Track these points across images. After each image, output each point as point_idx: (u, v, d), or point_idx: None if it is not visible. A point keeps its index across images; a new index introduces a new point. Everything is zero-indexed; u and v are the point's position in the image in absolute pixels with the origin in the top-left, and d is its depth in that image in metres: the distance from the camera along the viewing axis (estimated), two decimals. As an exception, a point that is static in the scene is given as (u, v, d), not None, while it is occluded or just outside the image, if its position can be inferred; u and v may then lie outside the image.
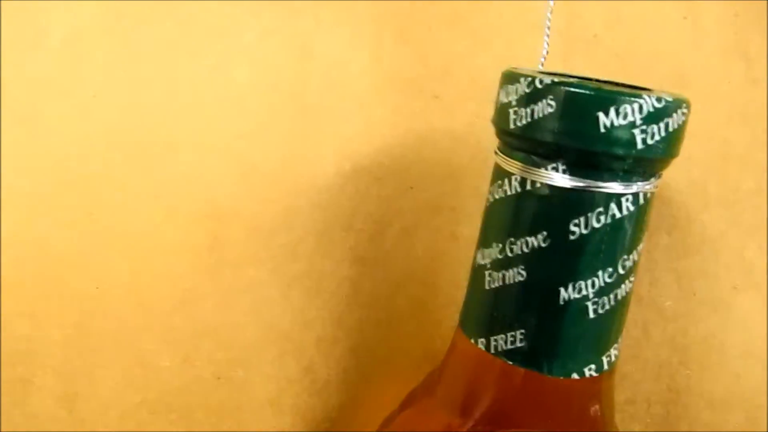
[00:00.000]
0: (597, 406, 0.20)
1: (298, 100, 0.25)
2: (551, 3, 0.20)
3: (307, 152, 0.26)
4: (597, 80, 0.20)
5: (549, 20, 0.20)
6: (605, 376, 0.20)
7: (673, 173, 0.28)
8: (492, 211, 0.20)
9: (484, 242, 0.20)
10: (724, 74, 0.25)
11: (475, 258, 0.20)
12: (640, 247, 0.19)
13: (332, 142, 0.26)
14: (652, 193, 0.18)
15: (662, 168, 0.18)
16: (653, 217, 0.29)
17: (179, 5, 0.25)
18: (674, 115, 0.17)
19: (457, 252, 0.26)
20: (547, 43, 0.21)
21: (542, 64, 0.21)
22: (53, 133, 0.25)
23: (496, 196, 0.19)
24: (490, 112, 0.22)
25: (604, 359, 0.19)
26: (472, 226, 0.25)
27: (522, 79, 0.18)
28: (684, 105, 0.18)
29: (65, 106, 0.25)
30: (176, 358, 0.26)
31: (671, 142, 0.18)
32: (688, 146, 0.27)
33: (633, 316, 0.27)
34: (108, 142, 0.25)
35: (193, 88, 0.26)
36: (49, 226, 0.25)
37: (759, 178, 0.26)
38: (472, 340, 0.20)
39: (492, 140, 0.22)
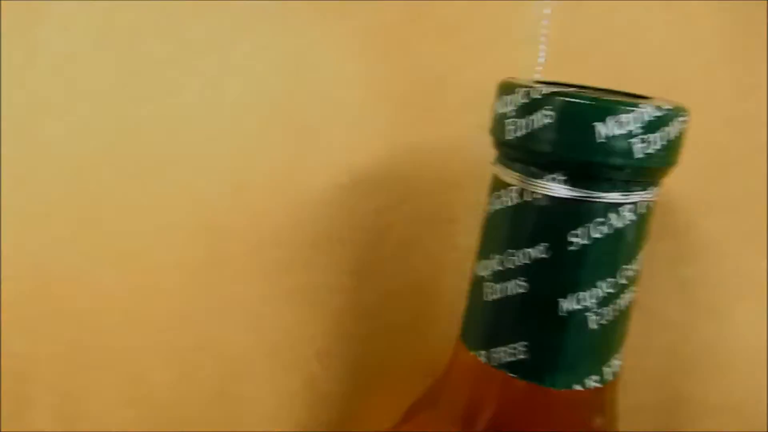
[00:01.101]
0: (600, 418, 0.20)
1: (291, 115, 0.25)
2: (547, 11, 0.20)
3: (301, 166, 0.25)
4: (594, 89, 0.20)
5: (545, 29, 0.20)
6: (608, 387, 0.20)
7: (672, 180, 0.28)
8: (490, 222, 0.19)
9: (483, 253, 0.20)
10: (720, 81, 0.25)
11: (474, 269, 0.20)
12: (641, 256, 0.19)
13: (326, 156, 0.25)
14: (653, 203, 0.18)
15: (662, 177, 0.18)
16: (653, 225, 0.29)
17: (172, 22, 0.25)
18: (673, 123, 0.17)
19: (455, 263, 0.26)
20: (544, 52, 0.21)
21: (540, 74, 0.21)
22: (48, 150, 0.25)
23: (495, 208, 0.19)
24: (483, 122, 0.22)
25: (607, 370, 0.19)
26: (469, 237, 0.24)
27: (518, 90, 0.18)
28: (683, 113, 0.17)
29: (60, 123, 0.25)
30: (173, 374, 0.26)
31: (670, 151, 0.17)
32: (686, 153, 0.27)
33: (633, 324, 0.27)
34: (102, 159, 0.25)
35: (187, 105, 0.25)
36: (44, 243, 0.25)
37: (758, 184, 0.26)
38: (473, 353, 0.20)
39: (486, 151, 0.22)
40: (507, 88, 0.18)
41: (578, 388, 0.19)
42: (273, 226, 0.25)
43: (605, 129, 0.16)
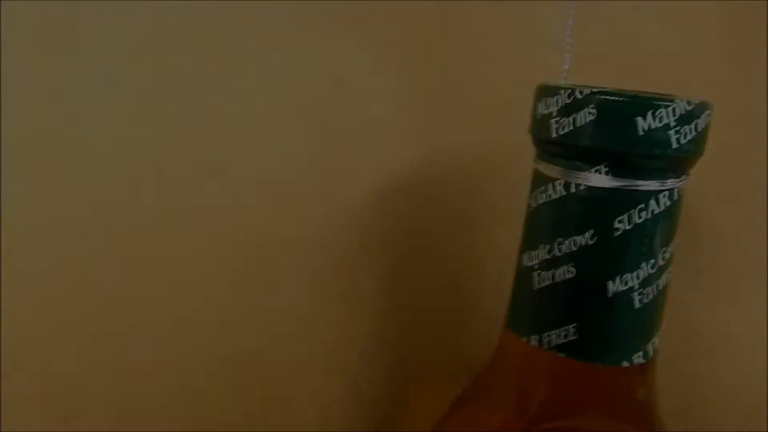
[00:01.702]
0: (644, 392, 0.21)
1: (328, 125, 0.27)
2: (571, 22, 0.22)
3: (339, 174, 0.27)
4: (616, 90, 0.22)
5: (569, 37, 0.22)
6: (650, 362, 0.21)
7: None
8: (536, 215, 0.21)
9: (529, 245, 0.21)
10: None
11: (520, 261, 0.22)
12: (676, 239, 0.21)
13: (362, 163, 0.27)
14: (683, 189, 0.20)
15: (691, 165, 0.20)
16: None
17: (204, 39, 0.26)
18: (702, 116, 0.19)
19: (488, 261, 0.27)
20: (569, 59, 0.22)
21: (565, 79, 0.23)
22: (88, 168, 0.26)
23: (540, 201, 0.21)
24: (508, 126, 0.23)
25: (650, 346, 0.21)
26: (501, 235, 0.26)
27: (562, 91, 0.19)
28: (709, 107, 0.19)
29: (97, 142, 0.26)
30: (223, 384, 0.27)
31: (700, 141, 0.19)
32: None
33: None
34: (141, 174, 0.26)
35: (224, 118, 0.27)
36: (87, 260, 0.26)
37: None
38: (524, 338, 0.21)
39: (511, 152, 0.23)
40: (548, 91, 0.20)
41: (626, 364, 0.20)
42: (313, 233, 0.26)
43: (645, 123, 0.18)
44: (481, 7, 0.27)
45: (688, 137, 0.19)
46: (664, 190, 0.19)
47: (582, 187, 0.19)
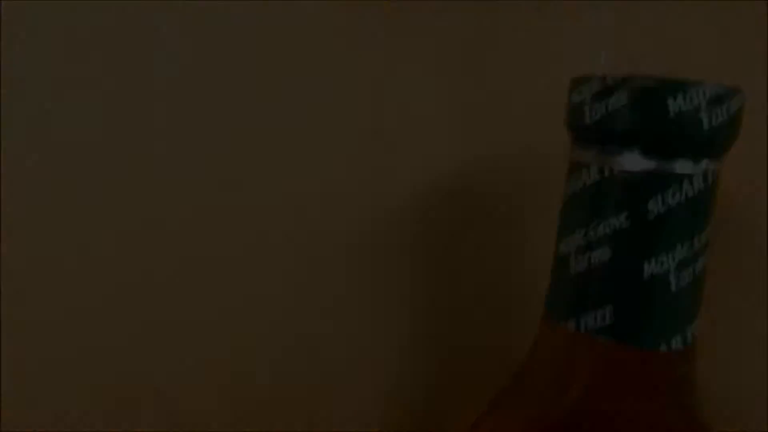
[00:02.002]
0: (685, 378, 0.21)
1: (375, 131, 0.28)
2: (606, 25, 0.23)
3: (384, 178, 0.28)
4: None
5: (604, 48, 0.23)
6: (690, 349, 0.21)
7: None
8: (572, 202, 0.22)
9: (566, 232, 0.22)
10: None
11: (557, 249, 0.22)
12: (711, 225, 0.21)
13: (407, 168, 0.28)
14: (719, 173, 0.20)
15: (725, 149, 0.20)
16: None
17: (266, 48, 0.28)
18: (733, 99, 0.20)
19: (529, 263, 0.28)
20: (605, 56, 0.23)
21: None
22: (152, 164, 0.27)
23: (575, 188, 0.21)
24: (550, 128, 0.24)
25: (688, 331, 0.21)
26: (538, 237, 0.27)
27: (594, 79, 0.20)
28: (740, 92, 0.20)
29: (163, 140, 0.27)
30: (273, 376, 0.27)
31: (732, 124, 0.20)
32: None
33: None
34: (203, 171, 0.27)
35: (280, 119, 0.28)
36: (145, 251, 0.27)
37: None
38: (561, 323, 0.21)
39: (552, 156, 0.24)
40: (582, 80, 0.21)
41: (664, 348, 0.20)
42: (360, 233, 0.27)
43: (676, 104, 0.19)
44: (522, 12, 0.28)
45: (720, 119, 0.19)
46: (697, 173, 0.20)
47: (616, 171, 0.20)
